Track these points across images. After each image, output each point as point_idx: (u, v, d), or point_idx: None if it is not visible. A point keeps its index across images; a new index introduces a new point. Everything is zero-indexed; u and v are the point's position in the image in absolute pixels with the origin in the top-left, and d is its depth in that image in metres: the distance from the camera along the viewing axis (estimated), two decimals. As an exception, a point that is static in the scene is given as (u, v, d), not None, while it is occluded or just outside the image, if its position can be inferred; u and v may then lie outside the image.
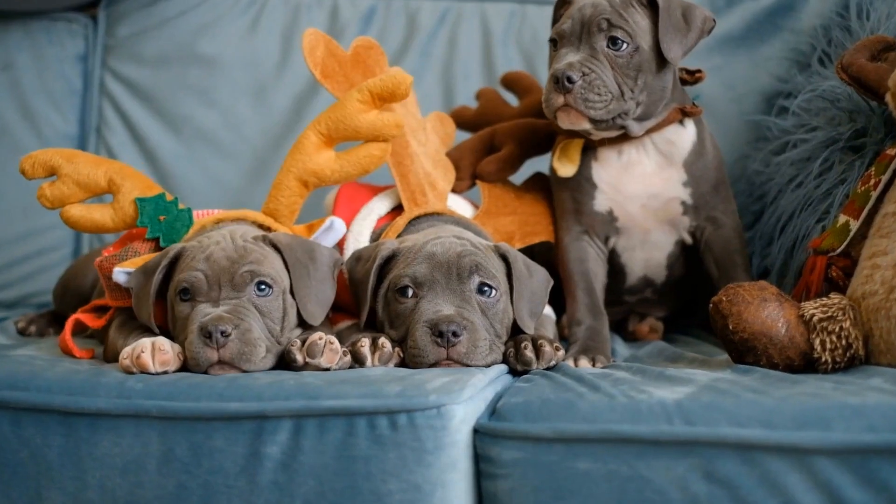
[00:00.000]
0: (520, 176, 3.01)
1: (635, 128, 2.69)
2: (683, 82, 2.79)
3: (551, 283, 2.60)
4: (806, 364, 2.27)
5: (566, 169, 2.79)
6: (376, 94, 2.58)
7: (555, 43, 2.70)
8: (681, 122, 2.75)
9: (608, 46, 2.62)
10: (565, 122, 2.64)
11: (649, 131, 2.72)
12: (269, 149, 3.68)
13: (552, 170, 2.84)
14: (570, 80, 2.58)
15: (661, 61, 2.64)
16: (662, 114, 2.71)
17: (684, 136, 2.76)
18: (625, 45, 2.61)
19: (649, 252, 2.87)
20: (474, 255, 2.42)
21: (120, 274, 2.47)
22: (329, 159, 2.61)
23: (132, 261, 2.48)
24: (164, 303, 2.42)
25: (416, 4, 3.75)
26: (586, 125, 2.64)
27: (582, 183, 2.80)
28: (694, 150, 2.76)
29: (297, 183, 2.61)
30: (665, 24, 2.61)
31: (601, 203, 2.80)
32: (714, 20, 2.68)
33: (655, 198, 2.77)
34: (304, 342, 2.31)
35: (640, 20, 2.65)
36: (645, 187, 2.76)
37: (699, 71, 2.80)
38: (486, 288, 2.41)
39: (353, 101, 2.58)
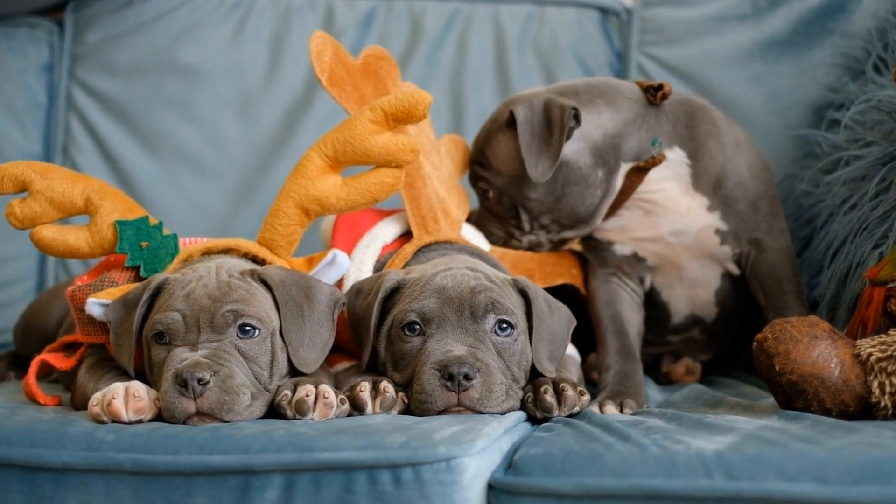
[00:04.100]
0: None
1: (582, 231, 2.80)
2: (650, 104, 2.77)
3: (574, 323, 2.59)
4: (862, 410, 2.26)
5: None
6: (390, 115, 2.55)
7: None
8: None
9: (483, 197, 2.84)
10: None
11: (624, 195, 2.76)
12: (256, 169, 3.69)
13: None
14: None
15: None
16: (613, 191, 2.75)
17: (671, 165, 2.76)
18: (489, 193, 2.81)
19: (692, 289, 2.89)
20: (490, 290, 2.41)
21: (94, 306, 2.45)
22: (334, 185, 2.58)
23: (108, 291, 2.47)
24: (143, 341, 2.40)
25: (420, 6, 3.77)
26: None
27: (594, 240, 2.88)
28: (696, 170, 2.77)
29: (297, 210, 2.59)
30: (526, 143, 2.67)
31: (622, 249, 2.86)
32: (575, 108, 2.67)
33: (682, 234, 2.79)
34: (294, 391, 2.29)
35: (503, 149, 2.76)
36: (666, 225, 2.78)
37: (661, 87, 2.76)
38: (504, 325, 2.40)
39: (363, 121, 2.55)
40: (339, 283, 2.65)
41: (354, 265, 2.67)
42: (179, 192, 3.71)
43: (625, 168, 2.74)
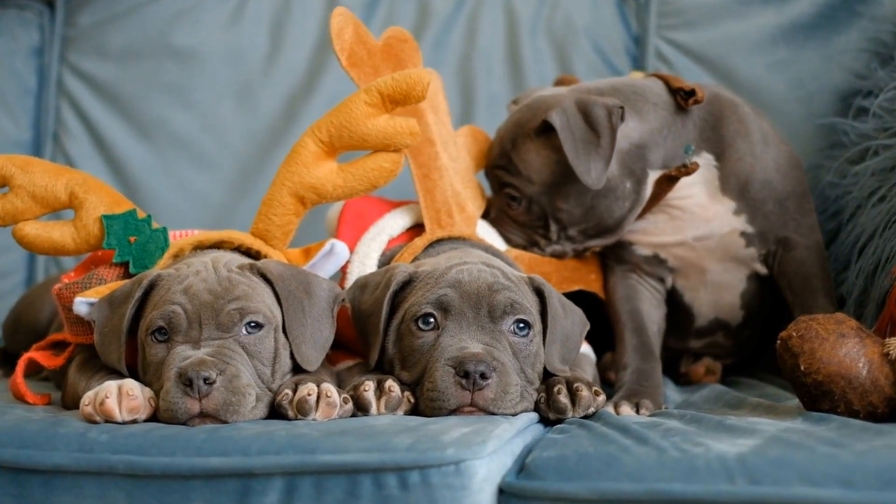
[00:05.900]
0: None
1: (607, 240, 2.81)
2: (678, 108, 2.77)
3: (587, 326, 2.59)
4: (891, 411, 2.26)
5: None
6: (387, 96, 2.53)
7: None
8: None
9: (507, 205, 2.83)
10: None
11: (652, 203, 2.75)
12: (255, 158, 3.69)
13: None
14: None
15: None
16: (642, 201, 2.75)
17: (699, 170, 2.76)
18: (519, 202, 2.80)
19: (716, 293, 2.88)
20: (508, 289, 2.40)
21: (81, 305, 2.44)
22: (330, 172, 2.58)
23: (96, 289, 2.46)
24: (134, 341, 2.39)
25: (429, -13, 3.77)
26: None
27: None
28: (724, 174, 2.76)
29: (292, 199, 2.58)
30: (572, 150, 2.65)
31: (642, 250, 2.86)
32: (622, 107, 2.66)
33: (706, 238, 2.78)
34: (295, 390, 2.29)
35: (535, 157, 2.74)
36: (690, 230, 2.78)
37: (694, 92, 2.75)
38: (521, 325, 2.39)
39: (359, 104, 2.54)
40: (342, 280, 2.64)
41: (358, 258, 2.67)
42: (175, 181, 3.71)
43: (653, 176, 2.74)
